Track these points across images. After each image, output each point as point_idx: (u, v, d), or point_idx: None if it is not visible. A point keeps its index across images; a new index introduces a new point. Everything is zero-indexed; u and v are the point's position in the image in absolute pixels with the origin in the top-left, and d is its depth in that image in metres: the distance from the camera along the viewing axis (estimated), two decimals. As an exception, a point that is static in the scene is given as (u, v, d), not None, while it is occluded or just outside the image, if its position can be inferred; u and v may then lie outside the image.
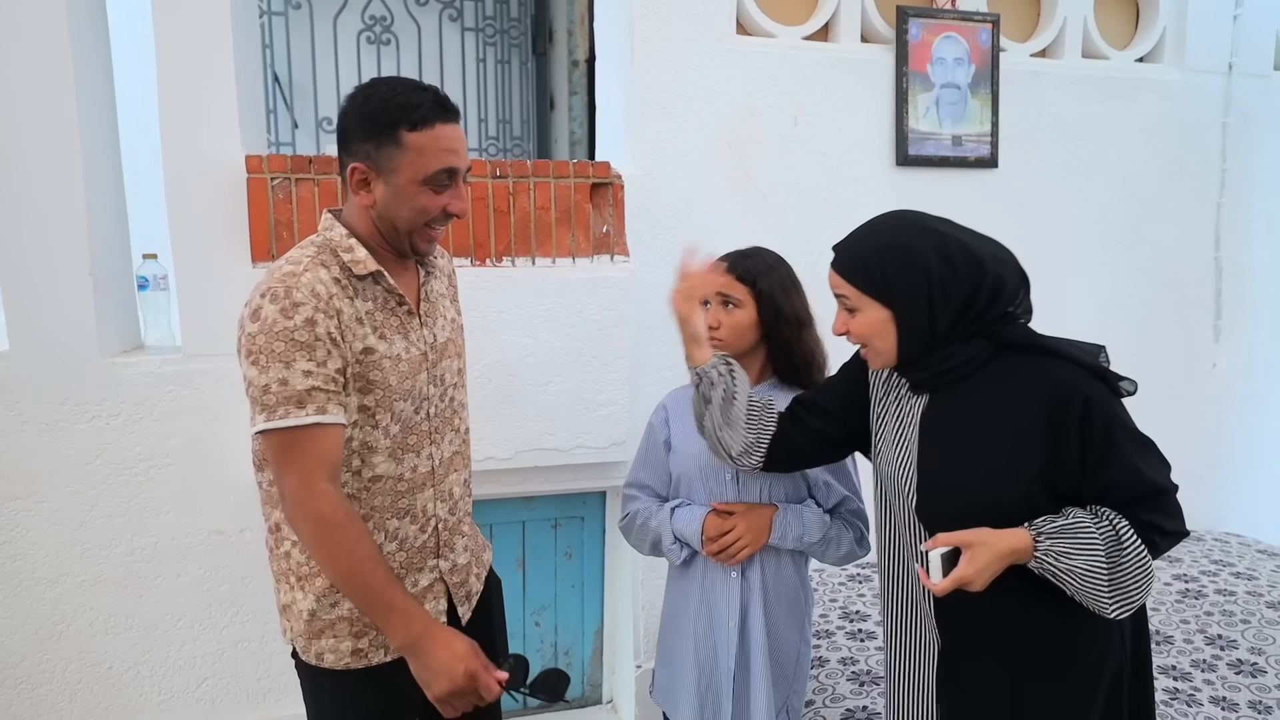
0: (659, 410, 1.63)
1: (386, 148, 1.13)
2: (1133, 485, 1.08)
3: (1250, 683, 1.90)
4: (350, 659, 1.24)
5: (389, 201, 1.16)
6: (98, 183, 1.90)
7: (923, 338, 1.13)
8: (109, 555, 1.94)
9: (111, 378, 1.90)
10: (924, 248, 1.12)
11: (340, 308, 1.14)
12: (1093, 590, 1.06)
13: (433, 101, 1.15)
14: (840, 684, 1.90)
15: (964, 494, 1.13)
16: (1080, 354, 1.11)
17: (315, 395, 1.09)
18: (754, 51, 2.36)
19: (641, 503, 1.59)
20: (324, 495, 1.09)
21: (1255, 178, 2.91)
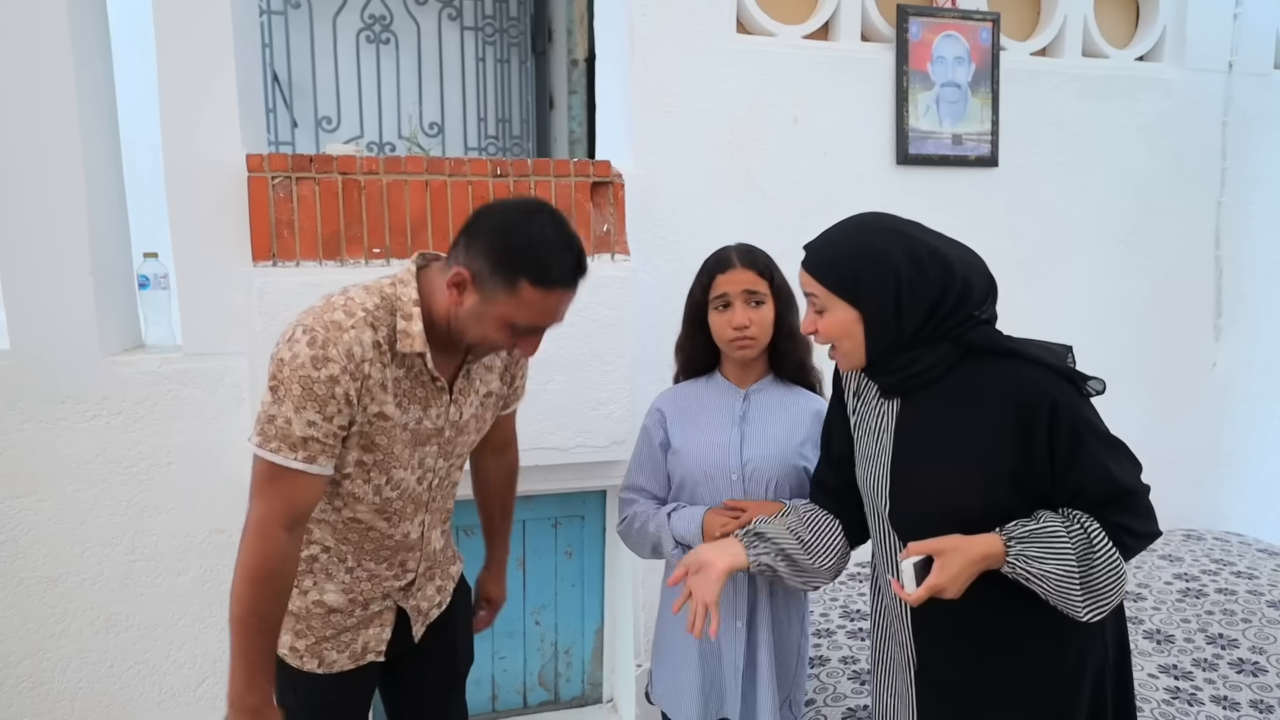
0: (653, 413, 1.59)
1: (501, 283, 1.11)
2: (1102, 487, 1.08)
3: (1251, 682, 1.90)
4: (287, 652, 1.29)
5: (471, 319, 1.15)
6: (98, 181, 1.90)
7: (890, 339, 1.13)
8: (110, 554, 1.94)
9: (112, 376, 1.90)
10: (894, 250, 1.12)
11: (370, 373, 1.14)
12: (1066, 594, 1.06)
13: (570, 270, 1.13)
14: (841, 682, 1.90)
15: (935, 499, 1.13)
16: (1047, 355, 1.11)
17: (310, 445, 1.11)
18: (754, 50, 2.36)
19: (639, 506, 1.57)
20: (270, 540, 1.11)
21: (1255, 176, 2.91)
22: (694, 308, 1.53)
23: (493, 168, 2.06)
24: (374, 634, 1.32)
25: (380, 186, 1.98)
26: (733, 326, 1.45)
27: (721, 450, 1.50)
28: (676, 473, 1.54)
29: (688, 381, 1.60)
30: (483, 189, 2.05)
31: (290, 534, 1.13)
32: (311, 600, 1.27)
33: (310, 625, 1.27)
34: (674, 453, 1.54)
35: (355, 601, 1.29)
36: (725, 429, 1.51)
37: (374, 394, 1.15)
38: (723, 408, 1.53)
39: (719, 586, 1.25)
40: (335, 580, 1.27)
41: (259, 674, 1.14)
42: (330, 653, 1.29)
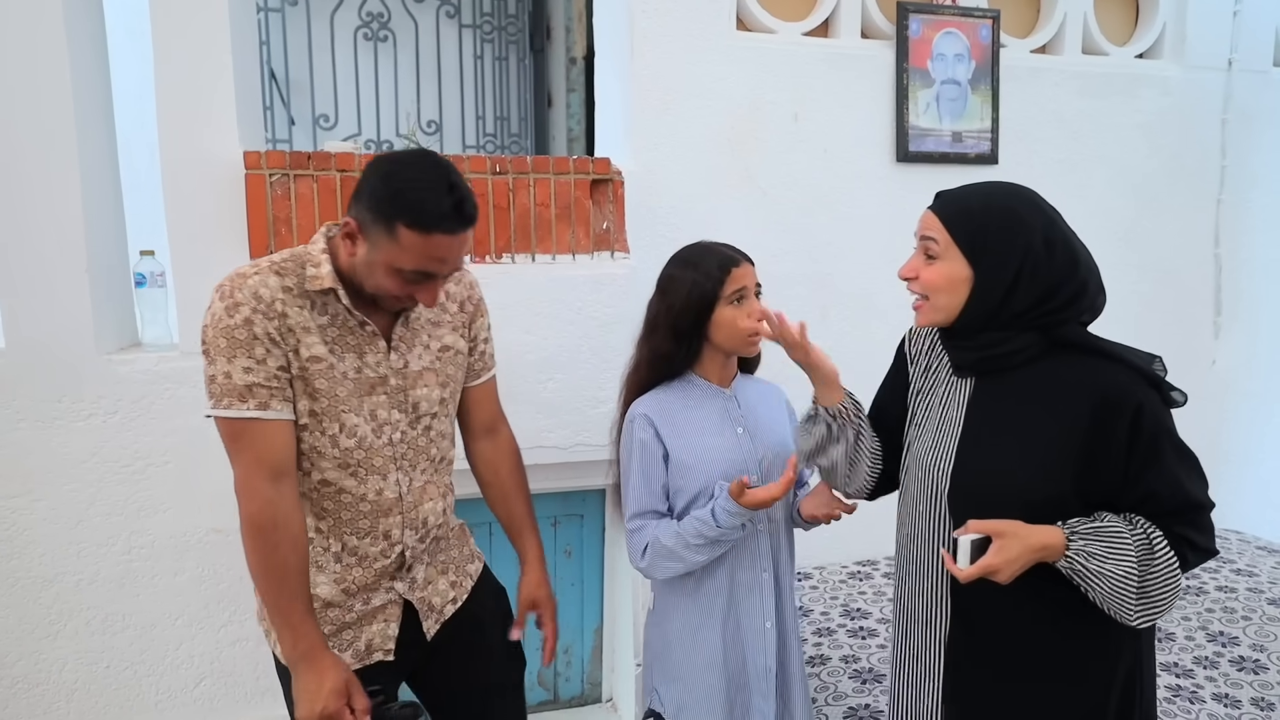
0: (643, 424, 1.45)
1: (381, 224, 1.13)
2: (1172, 497, 1.06)
3: (1253, 679, 1.90)
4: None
5: (363, 266, 1.17)
6: (94, 179, 1.89)
7: (990, 309, 1.10)
8: (106, 554, 1.92)
9: (109, 375, 1.88)
10: (1034, 224, 1.09)
11: (286, 312, 1.16)
12: (1120, 597, 1.04)
13: (444, 214, 1.12)
14: (842, 681, 1.90)
15: (999, 483, 1.11)
16: (1136, 360, 1.09)
17: (257, 391, 1.13)
18: (754, 47, 2.35)
19: (657, 528, 1.43)
20: (256, 496, 1.13)
21: (1255, 174, 2.91)
22: (699, 306, 1.43)
23: (491, 165, 2.05)
24: (378, 630, 1.28)
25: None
26: (754, 319, 1.42)
27: (736, 455, 1.45)
28: (689, 486, 1.43)
29: (661, 388, 1.49)
30: (481, 186, 2.04)
31: (275, 484, 1.14)
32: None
33: None
34: (679, 466, 1.44)
35: (350, 593, 1.26)
36: (730, 432, 1.47)
37: (298, 335, 1.16)
38: (716, 410, 1.48)
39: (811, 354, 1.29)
40: (326, 572, 1.25)
41: (298, 622, 1.14)
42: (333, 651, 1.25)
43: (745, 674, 1.46)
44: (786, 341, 1.31)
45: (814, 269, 2.45)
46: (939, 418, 1.20)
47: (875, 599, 2.27)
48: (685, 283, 1.45)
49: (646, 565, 1.43)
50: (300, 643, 1.14)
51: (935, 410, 1.21)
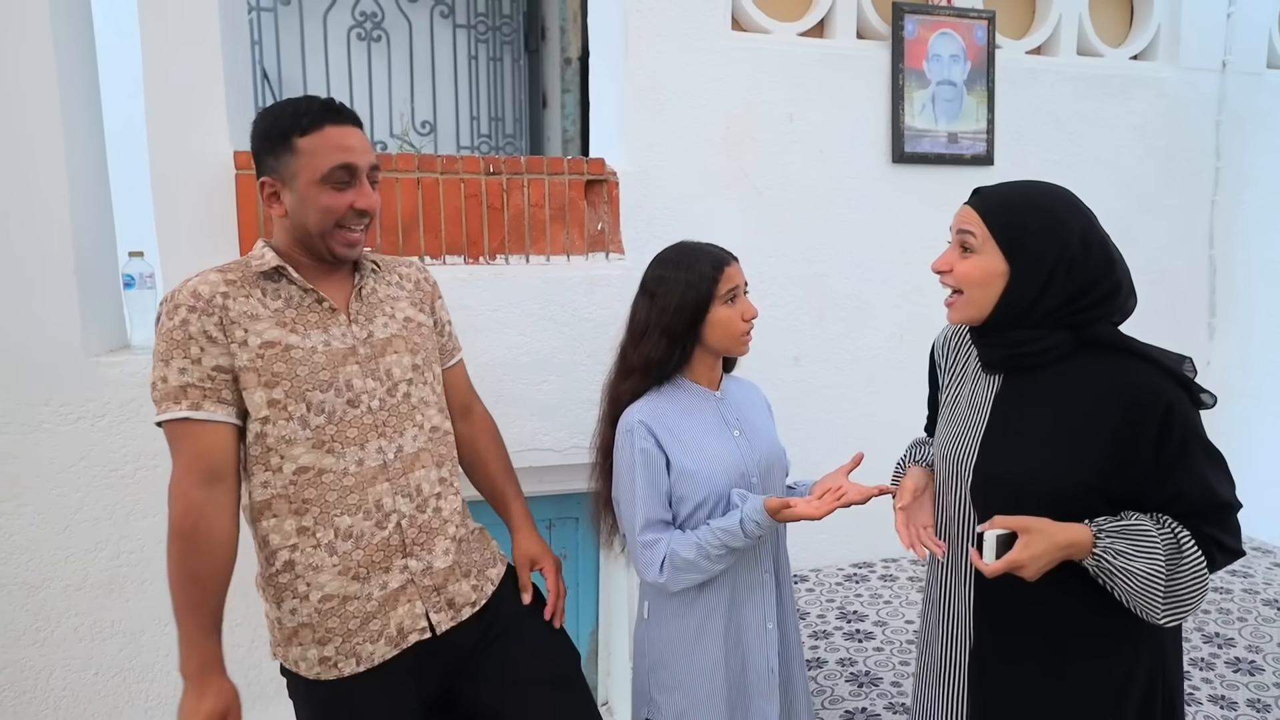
0: (642, 432, 1.39)
1: (284, 156, 1.20)
2: (1201, 497, 1.07)
3: (1249, 680, 1.90)
4: (320, 668, 1.23)
5: (296, 208, 1.21)
6: (82, 179, 1.86)
7: (1024, 307, 1.11)
8: (94, 559, 1.90)
9: (96, 378, 1.86)
10: (1072, 223, 1.10)
11: (229, 305, 1.18)
12: (1147, 596, 1.05)
13: (321, 107, 1.20)
14: (839, 685, 1.89)
15: (1022, 478, 1.12)
16: (1167, 360, 1.09)
17: (190, 392, 1.15)
18: (749, 48, 2.34)
19: (672, 540, 1.38)
20: (182, 498, 1.14)
21: (1249, 175, 2.92)
22: (694, 307, 1.41)
23: (485, 165, 2.03)
24: (405, 611, 1.25)
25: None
26: (746, 318, 1.42)
27: (736, 459, 1.43)
28: (693, 494, 1.39)
29: (652, 394, 1.45)
30: (475, 186, 2.03)
31: (206, 490, 1.15)
32: (317, 600, 1.21)
33: (330, 628, 1.22)
34: (683, 474, 1.39)
35: (360, 578, 1.22)
36: (726, 436, 1.45)
37: (245, 325, 1.18)
38: (709, 414, 1.46)
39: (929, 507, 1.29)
40: (324, 570, 1.21)
41: (192, 635, 1.14)
42: (365, 645, 1.23)
43: (746, 677, 1.45)
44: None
45: (809, 270, 2.44)
46: (966, 412, 1.21)
47: (871, 601, 2.26)
48: (678, 284, 1.42)
49: (666, 579, 1.38)
50: (194, 658, 1.13)
51: (963, 405, 1.22)
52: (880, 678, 1.90)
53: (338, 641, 1.22)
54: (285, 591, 1.22)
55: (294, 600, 1.21)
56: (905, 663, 1.96)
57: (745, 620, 1.44)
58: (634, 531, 1.40)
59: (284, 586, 1.21)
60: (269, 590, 1.24)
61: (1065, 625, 1.13)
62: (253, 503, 1.21)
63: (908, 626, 2.12)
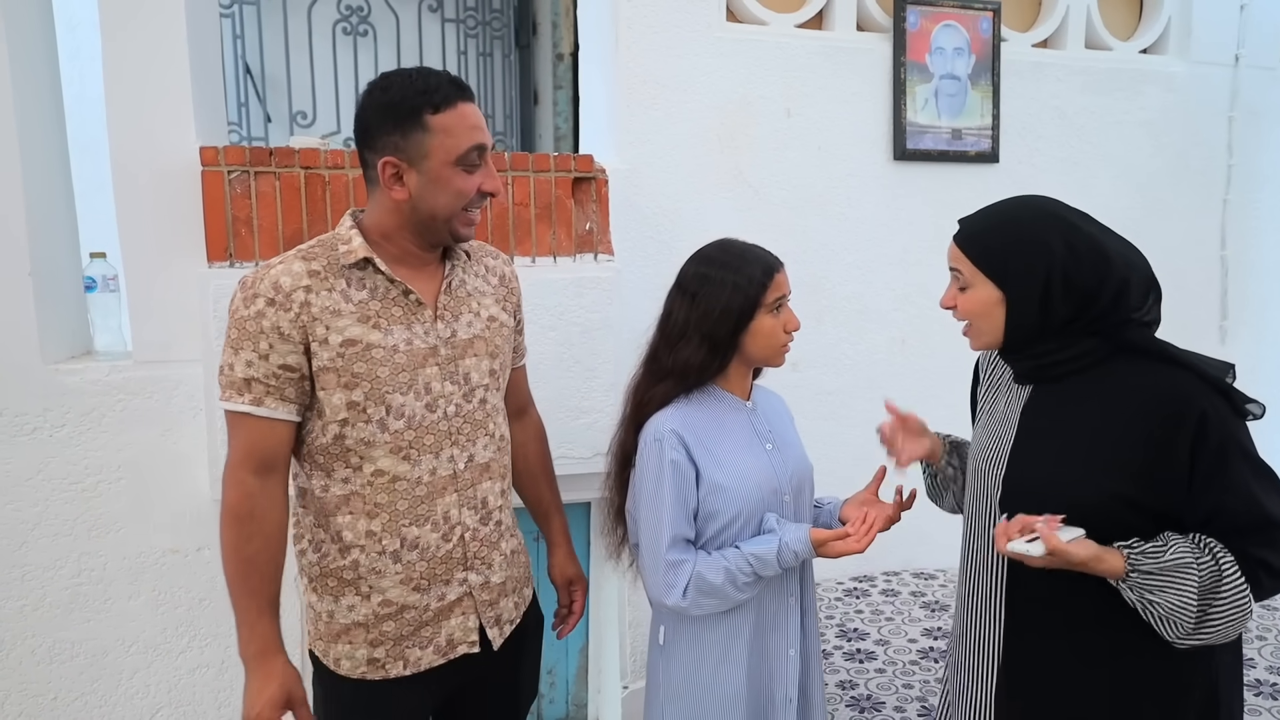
0: (673, 442, 1.29)
1: (414, 134, 1.12)
2: (1243, 513, 1.01)
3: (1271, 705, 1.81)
4: (366, 668, 1.21)
5: (424, 190, 1.15)
6: (39, 176, 1.77)
7: (1032, 325, 1.10)
8: (54, 577, 1.80)
9: (55, 386, 1.76)
10: (1050, 235, 1.09)
11: (309, 300, 1.13)
12: (1173, 625, 1.01)
13: (449, 82, 1.15)
14: (840, 710, 1.79)
15: (1048, 490, 1.09)
16: (1205, 367, 1.05)
17: (254, 386, 1.13)
18: (745, 40, 2.25)
19: (697, 562, 1.29)
20: (238, 485, 1.14)
21: (1262, 173, 2.83)
22: (741, 312, 1.30)
23: (467, 162, 1.94)
24: (458, 623, 1.24)
25: (346, 181, 1.85)
26: (789, 329, 1.34)
27: (769, 473, 1.35)
28: (724, 510, 1.30)
29: (681, 401, 1.35)
30: (456, 185, 1.93)
31: (261, 479, 1.14)
32: (377, 604, 1.20)
33: (385, 631, 1.21)
34: (715, 489, 1.30)
35: (421, 589, 1.21)
36: (758, 449, 1.36)
37: (326, 321, 1.14)
38: (741, 425, 1.37)
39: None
40: (386, 576, 1.19)
41: (253, 620, 1.14)
42: (414, 650, 1.22)
43: (772, 705, 1.37)
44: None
45: (808, 272, 2.35)
46: (998, 423, 1.19)
47: (873, 618, 2.17)
48: (725, 286, 1.31)
49: (688, 604, 1.28)
50: (254, 642, 1.14)
51: (996, 415, 1.21)
52: (883, 702, 1.80)
53: (389, 645, 1.21)
54: (348, 588, 1.20)
55: (355, 597, 1.20)
56: (909, 685, 1.87)
57: (769, 647, 1.37)
58: (658, 550, 1.29)
59: (348, 583, 1.20)
60: (327, 582, 1.21)
61: (1097, 638, 1.09)
62: (329, 497, 1.18)
63: (910, 646, 2.03)
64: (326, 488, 1.18)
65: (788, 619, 1.37)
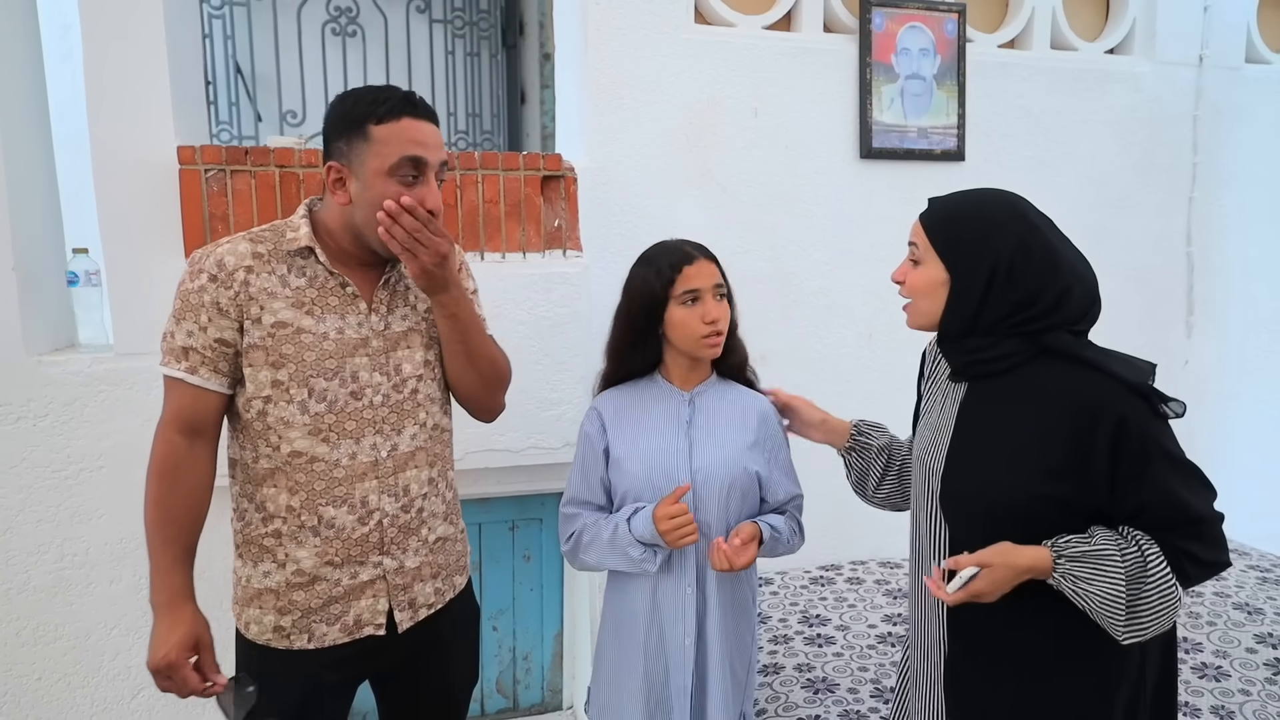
0: (592, 416, 1.48)
1: (357, 143, 1.18)
2: (1167, 511, 1.04)
3: (1214, 687, 1.86)
4: (272, 635, 1.25)
5: (360, 197, 1.20)
6: (23, 172, 1.83)
7: (968, 316, 1.11)
8: (37, 562, 1.87)
9: (38, 377, 1.82)
10: (1008, 230, 1.10)
11: (249, 280, 1.20)
12: (1109, 617, 1.04)
13: (401, 98, 1.20)
14: (794, 691, 1.85)
15: (980, 491, 1.11)
16: (1124, 369, 1.06)
17: (190, 355, 1.20)
18: (713, 41, 2.30)
19: (586, 518, 1.45)
20: (166, 442, 1.20)
21: (1226, 172, 2.87)
22: (649, 305, 1.40)
23: (438, 161, 1.99)
24: (368, 605, 1.27)
25: (319, 179, 1.90)
26: (706, 321, 1.38)
27: (669, 458, 1.41)
28: (620, 484, 1.43)
29: (625, 385, 1.50)
30: (428, 183, 1.99)
31: (188, 440, 1.20)
32: (290, 572, 1.24)
33: (293, 600, 1.24)
34: (616, 462, 1.43)
35: (335, 565, 1.24)
36: (671, 435, 1.43)
37: (262, 302, 1.20)
38: (666, 412, 1.45)
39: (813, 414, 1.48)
40: (305, 546, 1.24)
41: (166, 568, 1.18)
42: (320, 625, 1.26)
43: (668, 688, 1.43)
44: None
45: (775, 268, 2.40)
46: (936, 422, 1.21)
47: (836, 605, 2.23)
48: (638, 280, 1.43)
49: (568, 551, 1.47)
50: (165, 590, 1.17)
51: (934, 414, 1.22)
52: (837, 684, 1.86)
53: (296, 615, 1.25)
54: (266, 554, 1.25)
55: (271, 564, 1.25)
56: (864, 669, 1.92)
57: (666, 633, 1.43)
58: (561, 503, 1.50)
59: (266, 550, 1.25)
60: (249, 549, 1.26)
61: (1035, 637, 1.12)
62: (258, 468, 1.24)
63: (870, 631, 2.08)
64: (255, 459, 1.24)
65: (683, 607, 1.41)
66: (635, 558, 1.38)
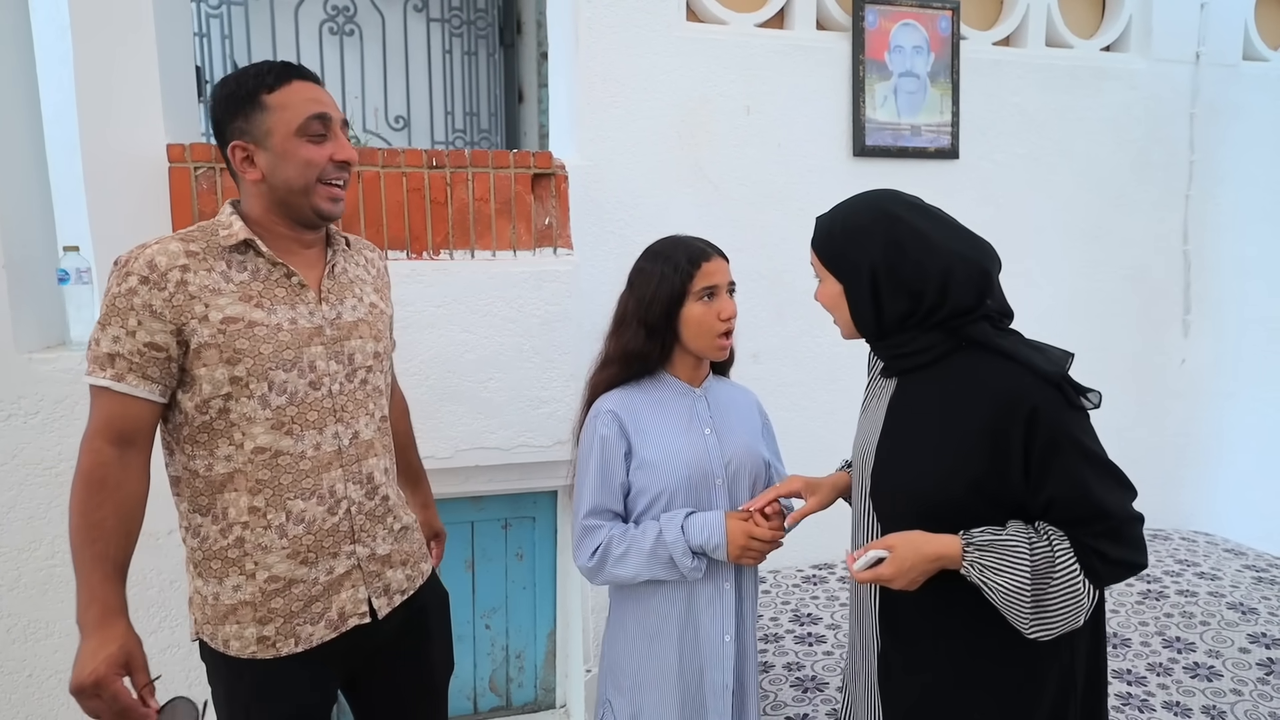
0: (608, 419, 1.39)
1: (254, 115, 1.17)
2: (1076, 505, 1.03)
3: (1205, 687, 1.85)
4: (256, 647, 1.21)
5: (274, 166, 1.18)
6: (12, 172, 1.83)
7: (871, 318, 1.13)
8: (28, 559, 1.87)
9: (29, 375, 1.83)
10: (875, 229, 1.11)
11: (185, 280, 1.15)
12: (1013, 609, 1.04)
13: (283, 65, 1.21)
14: (784, 690, 1.85)
15: (907, 486, 1.12)
16: (1038, 359, 1.05)
17: (116, 362, 1.13)
18: (705, 39, 2.30)
19: (613, 529, 1.37)
20: (94, 453, 1.14)
21: (1223, 169, 2.86)
22: (668, 300, 1.38)
23: (428, 159, 2.00)
24: (349, 596, 1.26)
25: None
26: (722, 318, 1.37)
27: (703, 455, 1.39)
28: (651, 486, 1.37)
29: (629, 385, 1.44)
30: (417, 180, 1.99)
31: (118, 450, 1.14)
32: (263, 580, 1.20)
33: (273, 608, 1.21)
34: (645, 465, 1.38)
35: (309, 562, 1.22)
36: (698, 432, 1.41)
37: (205, 300, 1.15)
38: (684, 410, 1.43)
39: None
40: (273, 551, 1.20)
41: (96, 584, 1.11)
42: (305, 626, 1.23)
43: (702, 690, 1.40)
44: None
45: (768, 266, 2.40)
46: (870, 418, 1.21)
47: (828, 604, 2.22)
48: (654, 276, 1.40)
49: (593, 566, 1.37)
50: (94, 606, 1.11)
51: (870, 412, 1.23)
52: (826, 682, 1.86)
53: (279, 622, 1.21)
54: (232, 567, 1.20)
55: (239, 577, 1.20)
56: (854, 666, 1.92)
57: (702, 630, 1.40)
58: (578, 514, 1.39)
59: (231, 562, 1.20)
60: (212, 565, 1.21)
61: (960, 633, 1.11)
62: (214, 475, 1.18)
63: (860, 629, 2.08)
64: (210, 466, 1.19)
65: (722, 605, 1.40)
66: (689, 567, 1.34)
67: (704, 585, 1.39)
